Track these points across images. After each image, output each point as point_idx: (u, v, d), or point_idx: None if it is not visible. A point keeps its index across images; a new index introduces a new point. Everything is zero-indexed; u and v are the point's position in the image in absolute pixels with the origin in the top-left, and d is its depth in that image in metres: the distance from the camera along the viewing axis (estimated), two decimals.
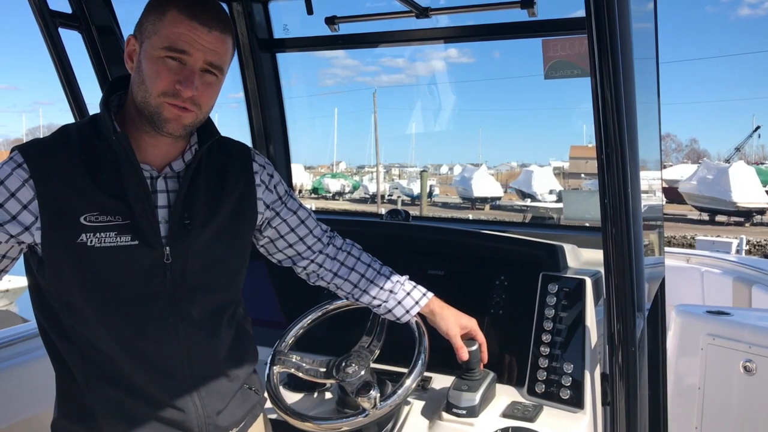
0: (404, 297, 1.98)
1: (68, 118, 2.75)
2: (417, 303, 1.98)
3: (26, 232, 1.45)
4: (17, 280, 13.64)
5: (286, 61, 3.45)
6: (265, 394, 1.92)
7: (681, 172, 44.91)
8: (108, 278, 1.49)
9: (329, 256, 1.96)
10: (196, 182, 1.60)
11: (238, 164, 1.74)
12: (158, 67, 1.48)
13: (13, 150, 1.50)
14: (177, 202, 1.56)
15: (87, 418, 1.56)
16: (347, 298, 2.01)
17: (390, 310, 1.98)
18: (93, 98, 2.49)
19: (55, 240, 1.46)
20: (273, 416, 1.97)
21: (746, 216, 35.58)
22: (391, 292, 1.97)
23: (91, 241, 1.46)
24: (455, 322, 1.98)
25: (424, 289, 2.01)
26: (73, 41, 2.64)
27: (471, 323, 2.00)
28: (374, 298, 1.97)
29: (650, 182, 2.57)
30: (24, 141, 1.46)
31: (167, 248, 1.53)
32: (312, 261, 1.93)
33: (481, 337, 2.01)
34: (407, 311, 1.97)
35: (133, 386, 1.55)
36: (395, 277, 1.99)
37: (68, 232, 1.45)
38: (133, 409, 1.55)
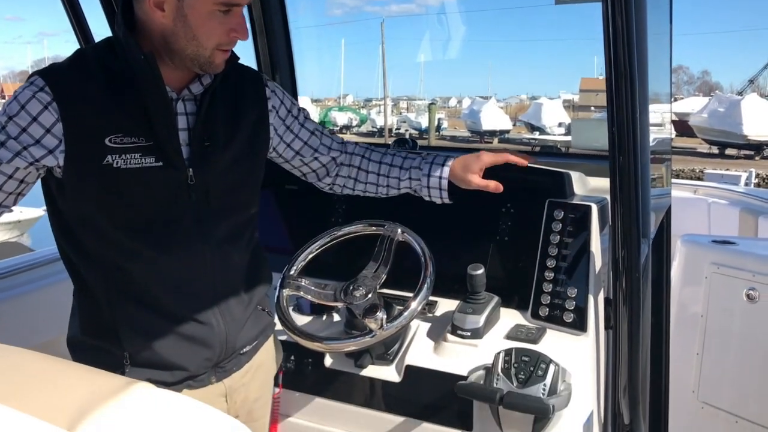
0: (427, 180, 1.99)
1: (74, 50, 2.72)
2: (440, 177, 1.98)
3: (50, 156, 1.46)
4: (28, 212, 13.77)
5: None
6: (275, 318, 1.97)
7: (692, 105, 44.18)
8: (134, 199, 1.52)
9: (344, 164, 2.01)
10: (214, 105, 1.62)
11: (252, 88, 1.76)
12: (213, 23, 1.50)
13: (32, 75, 1.49)
14: (197, 125, 1.58)
15: (109, 335, 1.59)
16: (378, 196, 2.06)
17: (429, 196, 2.02)
18: (99, 28, 2.48)
19: (80, 162, 1.47)
20: (283, 338, 2.02)
21: (757, 149, 35.21)
22: (412, 179, 2.00)
23: (117, 162, 1.47)
24: (478, 169, 1.98)
25: (441, 160, 2.00)
26: None
27: (484, 159, 1.99)
28: (399, 189, 2.02)
29: (660, 114, 2.55)
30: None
31: (190, 170, 1.56)
32: (332, 163, 1.99)
33: (494, 158, 2.01)
34: (440, 190, 1.99)
35: (158, 305, 1.59)
36: (407, 162, 2.01)
37: (94, 154, 1.46)
38: (157, 327, 1.60)
